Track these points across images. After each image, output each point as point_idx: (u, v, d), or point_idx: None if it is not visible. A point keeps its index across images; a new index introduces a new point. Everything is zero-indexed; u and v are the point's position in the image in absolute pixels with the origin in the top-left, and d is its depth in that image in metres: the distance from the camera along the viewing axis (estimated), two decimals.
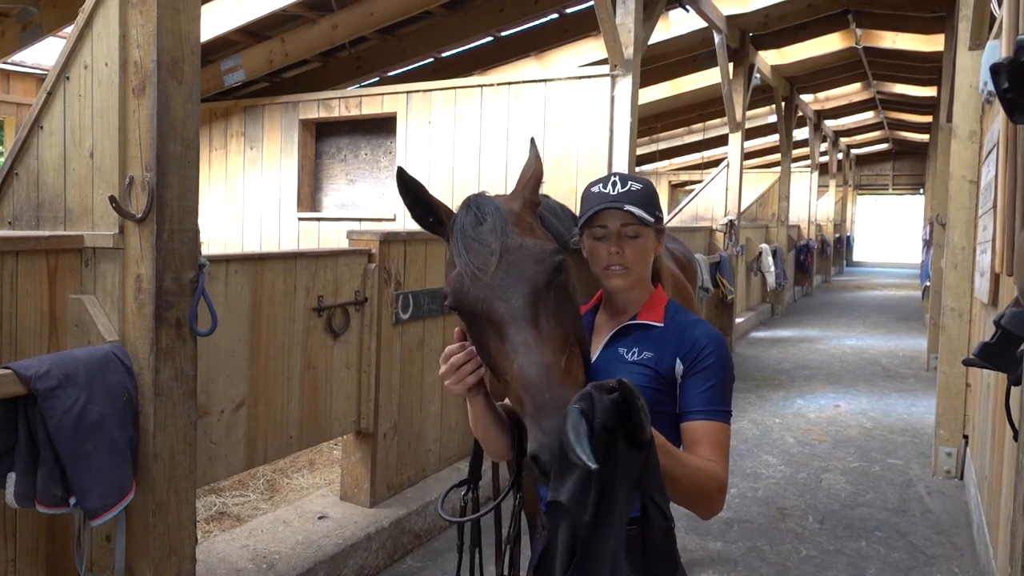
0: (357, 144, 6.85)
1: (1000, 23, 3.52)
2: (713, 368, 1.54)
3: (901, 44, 10.15)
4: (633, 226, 1.56)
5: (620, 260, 1.56)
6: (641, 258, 1.59)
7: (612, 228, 1.56)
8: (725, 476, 1.49)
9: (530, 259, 1.45)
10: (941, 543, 3.89)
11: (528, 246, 1.48)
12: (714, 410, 1.53)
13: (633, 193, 1.57)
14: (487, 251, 1.46)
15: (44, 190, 2.48)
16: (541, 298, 1.43)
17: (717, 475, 1.47)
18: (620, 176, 1.60)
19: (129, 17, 2.24)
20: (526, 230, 1.52)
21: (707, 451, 1.50)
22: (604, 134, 5.27)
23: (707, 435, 1.52)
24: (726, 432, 1.53)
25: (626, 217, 1.55)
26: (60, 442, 1.99)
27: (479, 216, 1.51)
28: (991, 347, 1.51)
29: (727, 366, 1.56)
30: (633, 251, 1.57)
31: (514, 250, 1.46)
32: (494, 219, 1.49)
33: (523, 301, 1.40)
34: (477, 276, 1.44)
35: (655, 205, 1.60)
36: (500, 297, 1.39)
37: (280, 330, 3.11)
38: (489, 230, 1.48)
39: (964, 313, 4.72)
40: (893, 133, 19.92)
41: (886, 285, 18.87)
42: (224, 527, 3.62)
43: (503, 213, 1.52)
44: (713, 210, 9.49)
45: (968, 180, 4.65)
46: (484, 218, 1.50)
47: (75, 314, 2.30)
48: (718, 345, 1.57)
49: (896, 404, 6.77)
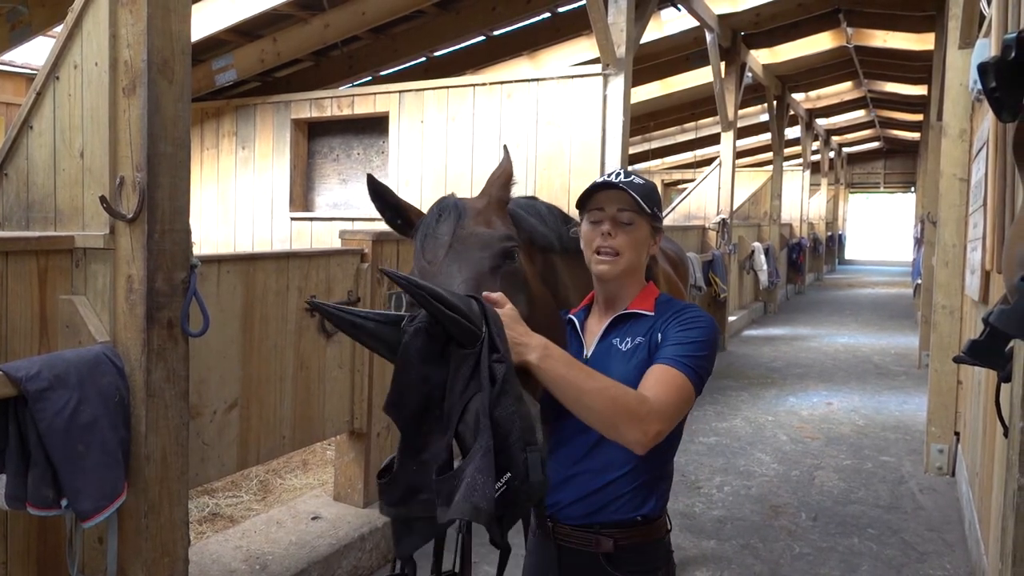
0: (349, 144, 6.84)
1: (989, 22, 3.54)
2: (690, 329, 1.52)
3: (892, 43, 10.20)
4: (628, 212, 1.56)
5: (611, 244, 1.56)
6: (633, 247, 1.58)
7: (608, 212, 1.57)
8: (658, 405, 1.39)
9: (476, 246, 1.50)
10: (933, 539, 3.91)
11: (478, 233, 1.52)
12: (675, 359, 1.47)
13: (634, 183, 1.58)
14: (439, 244, 1.51)
15: (34, 190, 2.47)
16: (484, 282, 1.45)
17: (639, 396, 1.39)
18: (625, 171, 1.62)
19: (119, 16, 2.23)
20: (483, 223, 1.56)
21: (646, 386, 1.43)
22: (597, 133, 5.28)
23: (656, 374, 1.46)
24: (679, 378, 1.44)
25: (622, 200, 1.56)
26: (51, 444, 1.98)
27: (439, 214, 1.57)
28: (980, 344, 1.51)
29: (706, 333, 1.53)
30: (626, 238, 1.57)
31: (463, 239, 1.51)
32: (451, 214, 1.55)
33: (464, 286, 1.43)
34: (427, 268, 1.49)
35: (655, 202, 1.61)
36: (444, 284, 1.41)
37: (272, 330, 3.10)
38: (445, 225, 1.54)
39: (955, 310, 4.74)
40: (884, 131, 20.00)
41: (878, 283, 18.95)
42: (217, 528, 3.61)
43: (460, 208, 1.57)
44: (705, 209, 9.52)
45: (958, 178, 4.67)
46: (441, 214, 1.57)
47: (66, 315, 2.29)
48: (702, 316, 1.57)
49: (888, 401, 6.80)
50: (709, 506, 4.25)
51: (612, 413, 1.35)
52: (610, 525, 1.58)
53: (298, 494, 4.01)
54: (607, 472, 1.59)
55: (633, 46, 5.41)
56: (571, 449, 1.62)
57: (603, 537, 1.58)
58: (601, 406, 1.35)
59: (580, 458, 1.61)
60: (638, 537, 1.59)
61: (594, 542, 1.59)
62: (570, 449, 1.63)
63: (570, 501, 1.62)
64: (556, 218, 1.88)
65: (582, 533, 1.60)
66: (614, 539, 1.58)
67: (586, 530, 1.60)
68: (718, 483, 4.61)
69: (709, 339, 1.54)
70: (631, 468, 1.57)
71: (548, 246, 1.79)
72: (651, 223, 1.61)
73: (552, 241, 1.81)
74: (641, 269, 1.65)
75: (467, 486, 1.18)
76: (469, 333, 1.26)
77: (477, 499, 1.16)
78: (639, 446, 1.38)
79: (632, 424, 1.36)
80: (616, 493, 1.59)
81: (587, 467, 1.60)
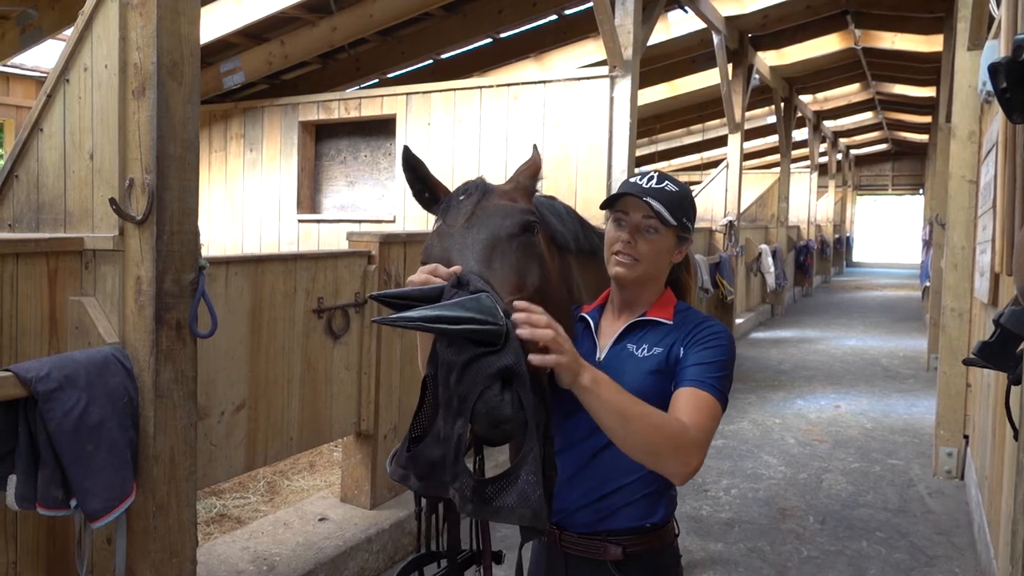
0: (357, 146, 6.85)
1: (999, 23, 3.53)
2: (712, 348, 1.51)
3: (900, 45, 10.16)
4: (653, 221, 1.54)
5: (631, 251, 1.55)
6: (653, 255, 1.56)
7: (632, 218, 1.55)
8: (698, 434, 1.37)
9: (497, 215, 1.51)
10: (942, 543, 3.89)
11: (499, 205, 1.54)
12: (703, 380, 1.46)
13: (665, 192, 1.56)
14: (461, 213, 1.53)
15: (44, 192, 2.48)
16: (499, 246, 1.46)
17: (681, 425, 1.37)
18: (660, 175, 1.60)
19: (129, 19, 2.24)
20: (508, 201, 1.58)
21: (682, 412, 1.42)
22: (603, 135, 5.27)
23: (687, 398, 1.44)
24: (711, 403, 1.43)
25: (647, 209, 1.53)
26: (60, 444, 1.99)
27: (465, 190, 1.60)
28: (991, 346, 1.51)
29: (728, 352, 1.52)
30: (647, 247, 1.55)
31: (485, 209, 1.52)
32: (477, 191, 1.58)
33: (479, 246, 1.44)
34: (445, 231, 1.51)
35: (685, 211, 1.58)
36: (459, 245, 1.44)
37: (280, 332, 3.11)
38: (469, 201, 1.56)
39: (964, 313, 4.72)
40: (892, 133, 19.93)
41: (886, 285, 18.87)
42: (224, 529, 3.62)
43: (487, 188, 1.60)
44: (713, 211, 9.50)
45: (967, 180, 4.65)
46: (468, 191, 1.59)
47: (75, 316, 2.30)
48: (723, 332, 1.55)
49: (896, 404, 6.77)
50: (716, 509, 4.23)
51: (658, 443, 1.33)
52: (618, 533, 1.55)
53: (305, 495, 4.02)
54: (616, 478, 1.55)
55: (640, 48, 5.40)
56: (578, 452, 1.59)
57: (611, 545, 1.55)
58: (646, 436, 1.33)
59: (587, 462, 1.58)
60: (647, 544, 1.55)
61: (602, 550, 1.55)
62: (577, 452, 1.59)
63: (577, 507, 1.58)
64: (574, 220, 1.88)
65: (589, 541, 1.57)
66: (623, 547, 1.54)
67: (593, 538, 1.56)
68: (725, 486, 4.60)
69: (730, 358, 1.53)
70: (642, 474, 1.54)
71: (564, 245, 1.78)
72: (677, 233, 1.59)
73: (568, 240, 1.80)
74: (661, 276, 1.62)
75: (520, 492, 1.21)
76: (489, 334, 1.22)
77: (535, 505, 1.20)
78: (679, 477, 1.37)
79: (676, 456, 1.35)
80: (625, 500, 1.55)
81: (595, 472, 1.57)
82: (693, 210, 1.63)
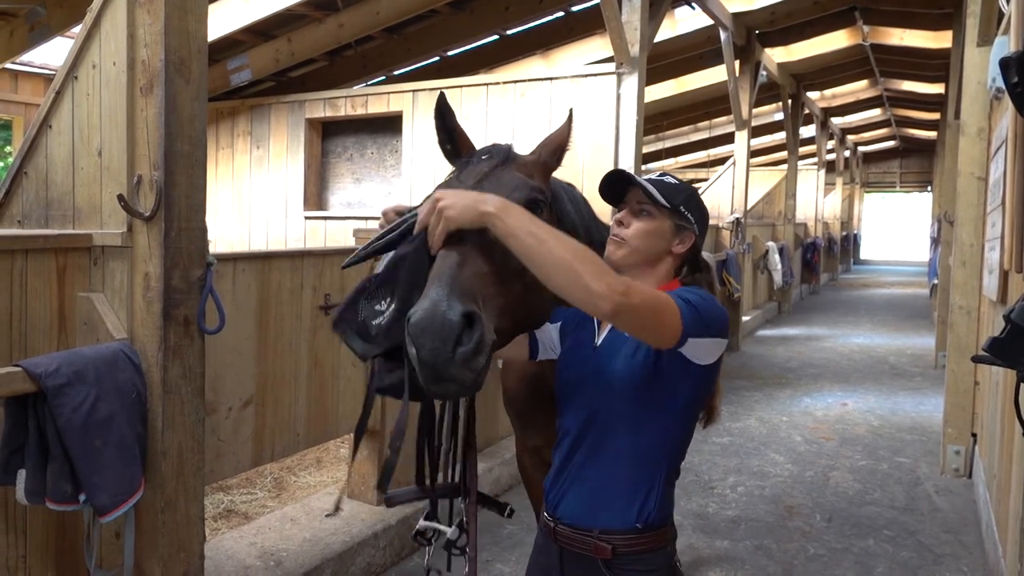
0: (363, 143, 6.86)
1: (1008, 19, 3.50)
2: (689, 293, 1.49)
3: (908, 41, 10.10)
4: (646, 205, 1.60)
5: (621, 231, 1.61)
6: (643, 237, 1.60)
7: (629, 204, 1.64)
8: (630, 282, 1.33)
9: (507, 185, 1.54)
10: (949, 541, 3.87)
11: (513, 176, 1.58)
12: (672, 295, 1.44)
13: (661, 181, 1.63)
14: (474, 174, 1.57)
15: (53, 189, 2.50)
16: None
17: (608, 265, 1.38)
18: (668, 174, 1.68)
19: (137, 16, 2.25)
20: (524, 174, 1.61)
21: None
22: (610, 132, 5.26)
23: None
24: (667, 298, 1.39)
25: (640, 194, 1.61)
26: (69, 439, 2.00)
27: (487, 152, 1.64)
28: (1001, 342, 1.50)
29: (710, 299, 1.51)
30: (638, 227, 1.60)
31: (499, 176, 1.56)
32: (499, 154, 1.62)
33: None
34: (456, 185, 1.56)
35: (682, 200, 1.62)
36: None
37: (287, 328, 3.12)
38: (489, 161, 1.60)
39: (972, 311, 4.70)
40: (900, 130, 19.83)
41: (894, 283, 18.79)
42: (232, 524, 3.63)
43: (508, 155, 1.64)
44: (719, 208, 9.48)
45: (976, 177, 4.63)
46: (490, 153, 1.63)
47: (84, 312, 2.31)
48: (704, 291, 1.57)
49: (904, 402, 6.75)
50: (723, 506, 4.23)
51: (575, 262, 1.28)
52: (611, 532, 1.57)
53: (312, 491, 4.03)
54: (605, 473, 1.58)
55: (647, 45, 5.39)
56: (570, 447, 1.63)
57: (601, 543, 1.57)
58: (563, 252, 1.29)
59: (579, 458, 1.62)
60: (638, 545, 1.57)
61: (593, 547, 1.57)
62: (569, 447, 1.64)
63: (568, 501, 1.62)
64: (589, 211, 1.93)
65: (582, 536, 1.60)
66: (613, 545, 1.56)
67: (585, 534, 1.59)
68: (732, 483, 4.59)
69: (710, 300, 1.50)
70: (629, 471, 1.57)
71: (572, 230, 1.79)
72: (673, 219, 1.62)
73: (578, 229, 1.83)
74: (658, 263, 1.64)
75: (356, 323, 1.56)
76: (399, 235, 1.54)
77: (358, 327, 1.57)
78: (605, 300, 1.28)
79: (598, 277, 1.28)
80: (614, 497, 1.58)
81: (586, 467, 1.61)
82: (695, 203, 1.66)
